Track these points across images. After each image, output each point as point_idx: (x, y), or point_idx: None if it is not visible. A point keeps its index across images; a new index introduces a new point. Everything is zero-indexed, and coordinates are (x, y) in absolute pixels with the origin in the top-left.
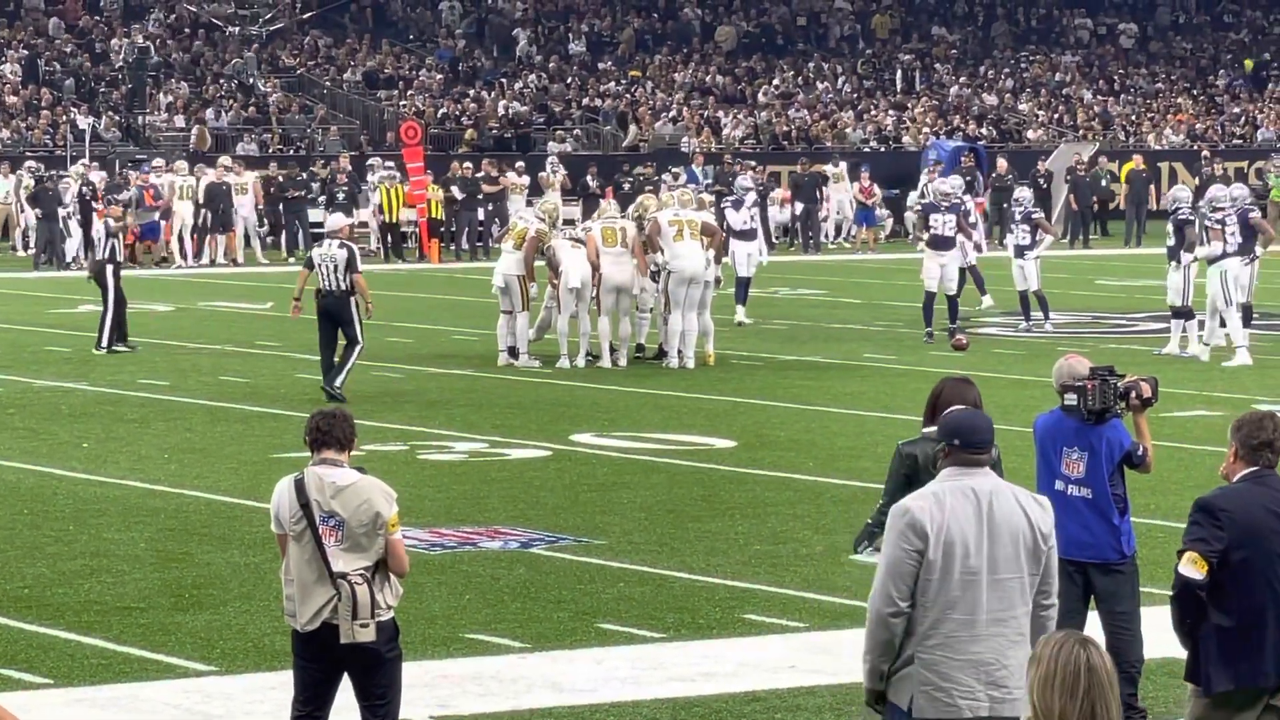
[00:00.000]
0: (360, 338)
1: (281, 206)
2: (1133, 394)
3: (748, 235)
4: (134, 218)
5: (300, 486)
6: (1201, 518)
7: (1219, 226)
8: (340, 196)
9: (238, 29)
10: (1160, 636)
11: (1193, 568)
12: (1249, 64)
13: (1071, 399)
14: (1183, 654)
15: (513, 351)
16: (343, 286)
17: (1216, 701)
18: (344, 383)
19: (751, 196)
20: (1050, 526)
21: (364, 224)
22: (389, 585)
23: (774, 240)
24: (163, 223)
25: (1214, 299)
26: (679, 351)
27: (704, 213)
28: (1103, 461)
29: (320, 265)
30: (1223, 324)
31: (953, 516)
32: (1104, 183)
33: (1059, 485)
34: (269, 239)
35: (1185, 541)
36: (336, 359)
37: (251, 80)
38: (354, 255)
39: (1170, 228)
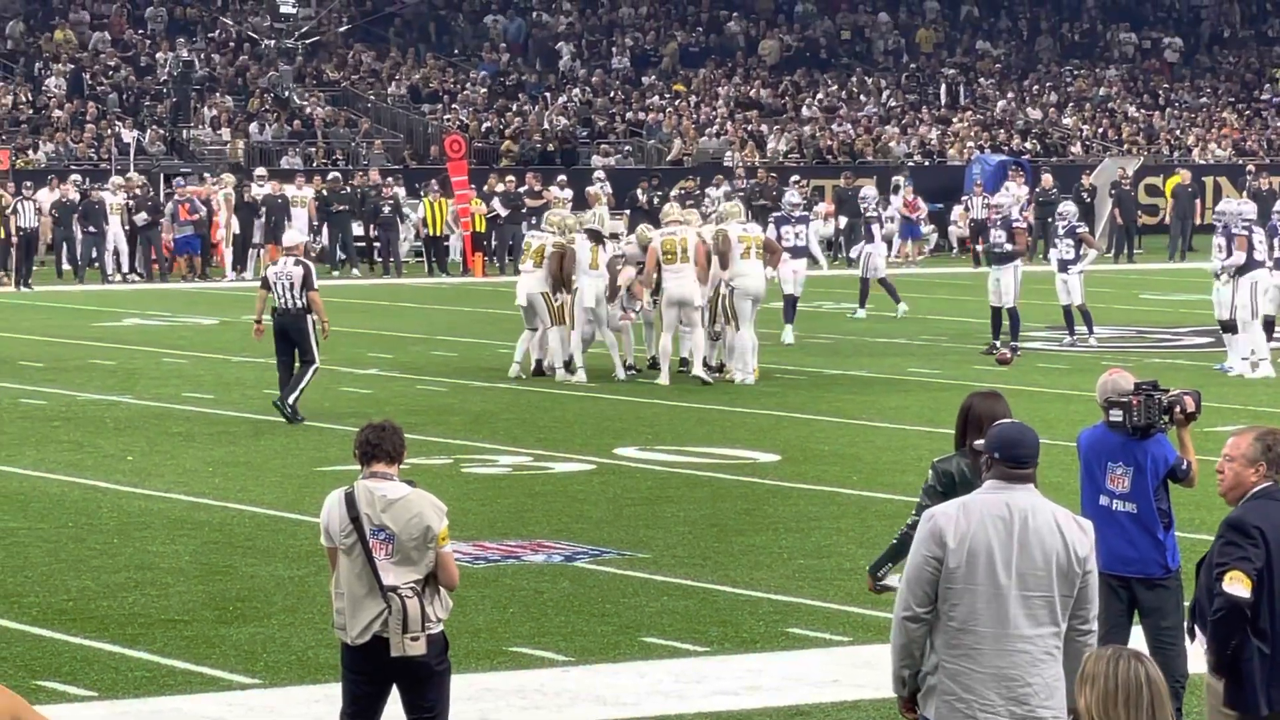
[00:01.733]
0: (315, 357)
1: (326, 220)
2: (1177, 409)
3: (796, 253)
4: (170, 232)
5: (350, 500)
6: (1236, 536)
7: (1245, 234)
8: (386, 210)
9: (273, 42)
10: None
11: (1240, 586)
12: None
13: (1117, 415)
14: None
15: (547, 364)
16: (298, 304)
17: None
18: (298, 400)
19: (798, 213)
20: (1088, 551)
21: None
22: (439, 598)
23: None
24: (200, 237)
25: (1241, 310)
26: (725, 364)
27: (756, 225)
28: (1148, 477)
29: (276, 283)
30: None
31: (979, 527)
32: (1195, 200)
33: (1104, 500)
34: (313, 253)
35: (1228, 561)
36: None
37: (287, 94)
38: (310, 273)
39: (1223, 240)
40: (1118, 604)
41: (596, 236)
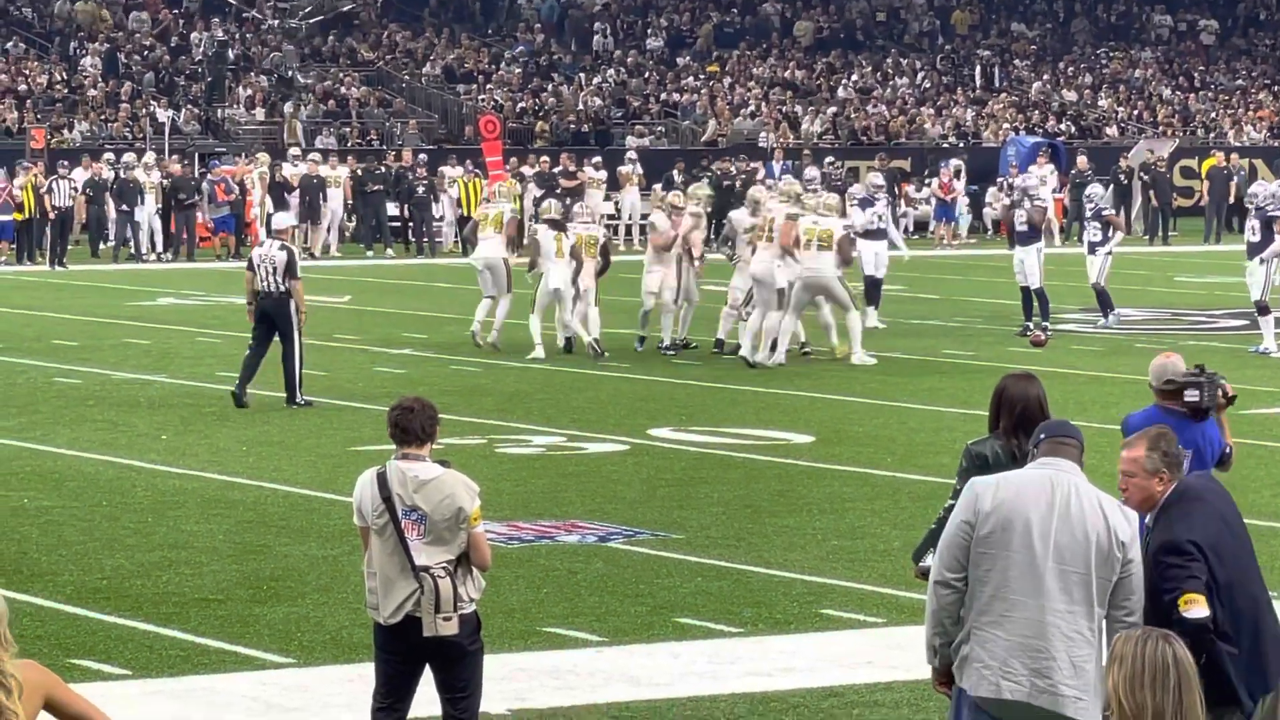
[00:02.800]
0: (298, 343)
1: (360, 200)
2: (1219, 392)
3: (876, 235)
4: (206, 212)
5: (383, 480)
6: (1175, 559)
7: None
8: (420, 190)
9: (277, 21)
10: None
11: (1198, 608)
12: None
13: (1193, 395)
14: None
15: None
16: (281, 289)
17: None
18: (302, 392)
19: (883, 195)
20: (1131, 538)
21: (441, 217)
22: (471, 578)
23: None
24: (235, 216)
25: None
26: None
27: (832, 218)
28: (1207, 460)
29: (260, 266)
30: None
31: (1018, 497)
32: (1235, 180)
33: None
34: (346, 233)
35: (1178, 586)
36: (283, 366)
37: (290, 74)
38: (293, 258)
39: (1256, 223)
40: None
41: (558, 225)
